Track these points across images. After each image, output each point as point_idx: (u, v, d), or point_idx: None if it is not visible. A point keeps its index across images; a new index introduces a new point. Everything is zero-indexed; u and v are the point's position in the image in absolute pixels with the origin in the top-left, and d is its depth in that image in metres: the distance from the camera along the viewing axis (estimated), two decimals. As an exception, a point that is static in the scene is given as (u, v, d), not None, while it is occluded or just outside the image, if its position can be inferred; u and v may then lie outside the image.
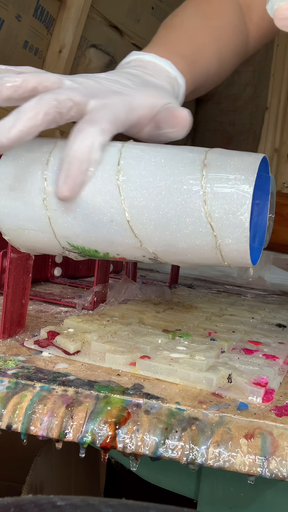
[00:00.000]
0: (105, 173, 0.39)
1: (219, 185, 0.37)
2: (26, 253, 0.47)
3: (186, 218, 0.38)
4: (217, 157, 0.39)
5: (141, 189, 0.39)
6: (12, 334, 0.47)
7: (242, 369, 0.42)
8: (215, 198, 0.37)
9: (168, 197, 0.38)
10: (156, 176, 0.38)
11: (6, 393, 0.36)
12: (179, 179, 0.38)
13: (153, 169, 0.39)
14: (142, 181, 0.39)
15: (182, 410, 0.35)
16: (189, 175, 0.38)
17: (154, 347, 0.45)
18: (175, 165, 0.39)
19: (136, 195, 0.39)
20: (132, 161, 0.39)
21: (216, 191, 0.37)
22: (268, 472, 0.31)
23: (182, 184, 0.38)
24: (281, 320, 0.66)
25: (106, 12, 1.40)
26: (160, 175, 0.38)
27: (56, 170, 0.40)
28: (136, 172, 0.39)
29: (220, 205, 0.37)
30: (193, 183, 0.38)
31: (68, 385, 0.37)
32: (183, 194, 0.38)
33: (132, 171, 0.39)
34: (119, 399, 0.35)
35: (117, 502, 0.22)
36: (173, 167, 0.38)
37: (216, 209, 0.37)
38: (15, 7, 1.13)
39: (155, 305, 0.65)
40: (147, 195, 0.38)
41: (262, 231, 0.44)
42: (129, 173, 0.39)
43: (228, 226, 0.37)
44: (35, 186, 0.40)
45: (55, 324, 0.53)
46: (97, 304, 0.62)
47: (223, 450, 0.32)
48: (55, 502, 0.21)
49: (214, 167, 0.38)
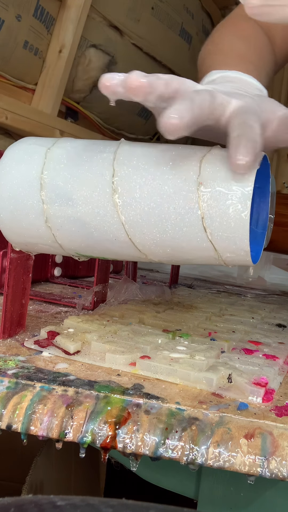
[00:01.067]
0: (101, 196, 0.39)
1: (219, 188, 0.37)
2: (26, 253, 0.47)
3: (184, 227, 0.38)
4: (217, 152, 0.39)
5: (140, 212, 0.39)
6: (12, 334, 0.47)
7: (242, 369, 0.42)
8: (214, 198, 0.37)
9: (167, 215, 0.38)
10: (152, 196, 0.39)
11: (6, 393, 0.36)
12: (176, 199, 0.38)
13: (148, 190, 0.39)
14: (139, 203, 0.39)
15: (182, 410, 0.35)
16: (188, 192, 0.38)
17: (154, 347, 0.45)
18: (171, 184, 0.38)
19: (135, 217, 0.39)
20: (126, 184, 0.39)
21: (215, 194, 0.37)
22: (268, 472, 0.31)
23: (180, 205, 0.38)
24: (281, 320, 0.66)
25: (106, 12, 1.40)
26: (156, 194, 0.38)
27: (52, 190, 0.40)
28: (132, 196, 0.39)
29: (220, 206, 0.37)
30: (194, 206, 0.37)
31: (68, 385, 0.37)
32: (181, 209, 0.38)
33: (127, 194, 0.39)
34: (119, 399, 0.35)
35: (117, 502, 0.22)
36: (169, 186, 0.38)
37: (216, 210, 0.37)
38: (15, 7, 1.13)
39: (155, 305, 0.65)
40: (146, 217, 0.39)
41: (263, 231, 0.44)
42: (125, 196, 0.39)
43: (228, 228, 0.37)
44: (35, 209, 0.41)
45: (55, 324, 0.53)
46: (97, 304, 0.62)
47: (223, 450, 0.32)
48: (55, 502, 0.21)
49: (212, 168, 0.38)
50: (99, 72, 1.41)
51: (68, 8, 1.28)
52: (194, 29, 1.74)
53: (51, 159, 0.41)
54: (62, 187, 0.40)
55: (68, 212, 0.40)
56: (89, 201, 0.40)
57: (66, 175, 0.40)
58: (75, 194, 0.40)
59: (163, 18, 1.58)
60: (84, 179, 0.40)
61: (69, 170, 0.40)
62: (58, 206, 0.40)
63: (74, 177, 0.40)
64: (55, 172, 0.41)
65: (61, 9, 1.29)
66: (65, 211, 0.40)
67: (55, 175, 0.41)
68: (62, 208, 0.40)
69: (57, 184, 0.40)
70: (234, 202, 0.36)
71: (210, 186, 0.37)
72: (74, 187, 0.40)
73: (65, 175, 0.40)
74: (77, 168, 0.40)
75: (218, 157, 0.38)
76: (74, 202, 0.40)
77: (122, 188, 0.39)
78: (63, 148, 0.42)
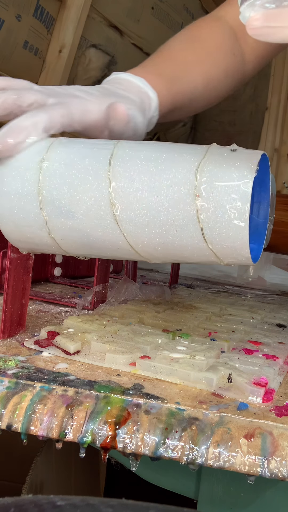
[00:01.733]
0: (100, 209, 0.40)
1: (218, 183, 0.37)
2: (26, 253, 0.47)
3: (184, 239, 0.39)
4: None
5: (140, 225, 0.39)
6: (12, 334, 0.47)
7: (242, 369, 0.42)
8: (212, 210, 0.37)
9: (167, 228, 0.39)
10: (150, 210, 0.39)
11: (6, 393, 0.36)
12: (175, 212, 0.38)
13: (146, 203, 0.39)
14: (138, 216, 0.39)
15: (182, 410, 0.35)
16: (185, 205, 0.38)
17: (154, 347, 0.45)
18: (168, 197, 0.38)
19: (135, 229, 0.40)
20: (124, 198, 0.39)
21: (215, 190, 0.37)
22: (268, 472, 0.31)
23: (178, 218, 0.38)
24: (281, 320, 0.66)
25: (106, 12, 1.40)
26: (154, 208, 0.39)
27: (51, 204, 0.41)
28: (131, 209, 0.39)
29: (218, 217, 0.37)
30: (192, 219, 0.38)
31: (68, 385, 0.37)
32: (180, 221, 0.38)
33: (126, 207, 0.39)
34: (119, 399, 0.35)
35: (117, 502, 0.22)
36: (167, 199, 0.38)
37: (215, 222, 0.37)
38: (15, 7, 1.13)
39: (155, 305, 0.65)
40: (146, 229, 0.39)
41: (263, 231, 0.44)
42: (123, 209, 0.39)
43: (227, 238, 0.37)
44: (37, 222, 0.42)
45: (55, 324, 0.53)
46: (97, 304, 0.62)
47: (223, 450, 0.32)
48: (55, 502, 0.21)
49: (213, 164, 0.37)
50: (99, 72, 1.41)
51: (68, 8, 1.28)
52: (194, 29, 1.74)
53: (46, 172, 0.41)
54: (60, 201, 0.41)
55: (69, 224, 0.41)
56: (89, 215, 0.40)
57: (63, 189, 0.40)
58: (74, 208, 0.40)
59: (163, 18, 1.58)
60: (81, 192, 0.40)
61: (65, 183, 0.40)
62: (59, 219, 0.41)
63: (71, 191, 0.40)
64: (52, 185, 0.41)
65: (61, 9, 1.29)
66: (66, 223, 0.41)
67: (52, 188, 0.41)
68: (63, 221, 0.41)
69: (55, 198, 0.41)
70: (232, 212, 0.36)
71: (206, 198, 0.37)
72: (72, 202, 0.40)
73: (62, 189, 0.40)
74: (72, 181, 0.40)
75: (214, 164, 0.37)
76: (74, 215, 0.40)
77: (120, 202, 0.39)
78: (57, 159, 0.41)
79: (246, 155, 0.37)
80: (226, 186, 0.36)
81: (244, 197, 0.36)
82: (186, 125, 1.98)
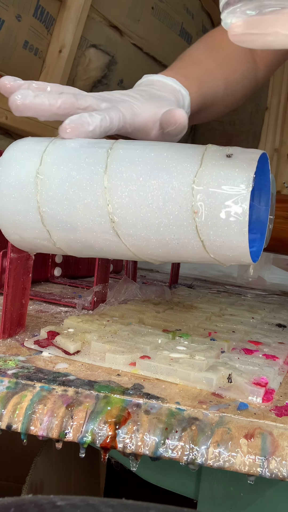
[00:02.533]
0: (100, 225, 0.40)
1: (213, 213, 0.37)
2: (26, 253, 0.47)
3: (186, 250, 0.40)
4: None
5: (142, 240, 0.40)
6: (12, 334, 0.47)
7: (242, 369, 0.42)
8: (211, 225, 0.37)
9: (168, 241, 0.39)
10: (151, 227, 0.39)
11: (6, 393, 0.36)
12: (175, 229, 0.39)
13: (146, 221, 0.39)
14: (139, 230, 0.40)
15: (182, 410, 0.35)
16: (183, 221, 0.38)
17: (154, 347, 0.45)
18: (167, 214, 0.38)
19: (138, 242, 0.40)
20: (122, 214, 0.40)
21: (211, 220, 0.37)
22: (268, 472, 0.31)
23: (179, 233, 0.39)
24: (281, 320, 0.66)
25: (106, 12, 1.40)
26: (154, 224, 0.39)
27: (52, 218, 0.41)
28: (132, 225, 0.40)
29: (218, 232, 0.37)
30: (192, 234, 0.38)
31: (68, 385, 0.37)
32: (180, 235, 0.39)
33: (126, 224, 0.40)
34: (119, 399, 0.35)
35: (117, 502, 0.22)
36: (165, 217, 0.38)
37: (215, 237, 0.37)
38: (15, 7, 1.13)
39: (155, 305, 0.65)
40: (148, 242, 0.40)
41: (263, 232, 0.43)
42: (124, 226, 0.40)
43: (229, 250, 0.38)
44: (41, 237, 0.43)
45: (55, 324, 0.53)
46: (97, 304, 0.62)
47: (223, 450, 0.32)
48: (55, 502, 0.21)
49: (208, 177, 0.37)
50: (99, 72, 1.41)
51: (68, 8, 1.28)
52: (194, 29, 1.74)
53: (43, 187, 0.41)
54: (60, 216, 0.41)
55: (72, 238, 0.42)
56: (90, 229, 0.41)
57: (63, 203, 0.41)
58: (75, 223, 0.41)
59: (163, 18, 1.58)
60: (80, 207, 0.40)
61: (63, 196, 0.41)
62: (61, 232, 0.42)
63: (70, 206, 0.40)
64: (50, 200, 0.41)
65: (61, 9, 1.29)
66: (69, 236, 0.42)
67: (51, 204, 0.41)
68: (67, 234, 0.42)
69: (55, 214, 0.41)
70: (232, 227, 0.36)
71: (205, 215, 0.37)
72: (72, 217, 0.41)
73: (61, 204, 0.41)
74: (70, 195, 0.40)
75: (210, 176, 0.37)
76: (76, 229, 0.41)
77: (119, 218, 0.40)
78: (53, 173, 0.41)
79: (243, 163, 0.37)
80: (223, 197, 0.36)
81: (243, 208, 0.36)
82: (186, 125, 1.98)
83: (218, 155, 0.38)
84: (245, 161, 0.37)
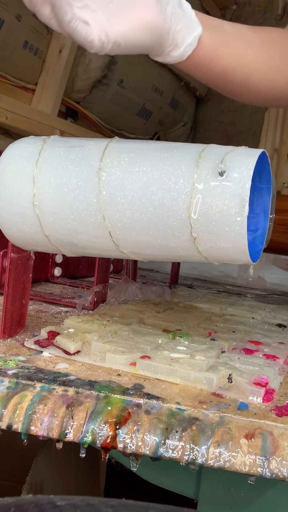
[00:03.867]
0: (101, 239, 0.41)
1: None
2: (27, 253, 0.47)
3: (185, 256, 0.40)
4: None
5: (140, 249, 0.41)
6: (13, 334, 0.47)
7: (243, 369, 0.42)
8: (209, 241, 0.37)
9: (168, 250, 0.40)
10: (150, 242, 0.40)
11: (6, 393, 0.36)
12: (173, 246, 0.39)
13: (143, 238, 0.40)
14: (136, 239, 0.40)
15: (183, 410, 0.35)
16: (182, 234, 0.38)
17: (155, 347, 0.45)
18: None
19: (137, 251, 0.41)
20: (119, 229, 0.40)
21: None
22: (269, 472, 0.31)
23: (178, 246, 0.39)
24: (281, 320, 0.66)
25: (106, 12, 1.40)
26: (152, 236, 0.39)
27: (53, 233, 0.42)
28: (129, 240, 0.40)
29: (216, 245, 0.37)
30: (192, 251, 0.39)
31: (69, 385, 0.37)
32: (178, 247, 0.39)
33: (124, 238, 0.40)
34: (120, 399, 0.35)
35: (117, 502, 0.22)
36: (162, 238, 0.39)
37: (213, 249, 0.38)
38: (15, 7, 1.13)
39: (155, 305, 0.65)
40: (147, 248, 0.41)
41: (263, 232, 0.43)
42: (121, 239, 0.40)
43: (228, 256, 0.38)
44: (43, 244, 0.43)
45: (55, 324, 0.53)
46: (97, 304, 0.62)
47: (224, 450, 0.32)
48: (55, 502, 0.21)
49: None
50: (99, 72, 1.41)
51: (68, 8, 1.27)
52: (194, 29, 1.74)
53: (40, 209, 0.41)
54: (61, 234, 0.42)
55: (75, 250, 0.44)
56: (91, 242, 0.42)
57: (60, 222, 0.41)
58: (75, 239, 0.42)
59: (163, 18, 1.58)
60: (79, 225, 0.41)
61: (60, 214, 0.41)
62: (64, 246, 0.43)
63: (68, 225, 0.41)
64: (50, 220, 0.41)
65: (61, 9, 1.28)
66: (72, 248, 0.43)
67: (51, 221, 0.41)
68: (71, 248, 0.43)
69: (57, 233, 0.42)
70: (231, 238, 0.36)
71: (203, 231, 0.37)
72: (72, 234, 0.42)
73: (59, 222, 0.41)
74: (69, 213, 0.41)
75: (208, 187, 0.37)
76: (77, 244, 0.42)
77: (114, 230, 0.40)
78: (49, 188, 0.41)
79: (242, 164, 0.36)
80: (222, 198, 0.36)
81: (243, 210, 0.36)
82: (186, 125, 1.98)
83: (215, 157, 0.38)
84: (245, 159, 0.37)
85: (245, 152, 0.38)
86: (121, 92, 1.49)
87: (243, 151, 0.38)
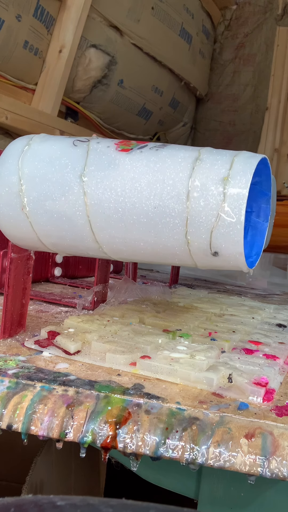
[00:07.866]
0: (90, 246, 0.42)
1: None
2: (27, 253, 0.47)
3: (179, 263, 0.41)
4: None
5: (132, 254, 0.41)
6: (13, 334, 0.47)
7: (243, 369, 0.42)
8: (204, 252, 0.37)
9: (164, 256, 0.40)
10: (146, 250, 0.40)
11: (6, 393, 0.36)
12: (168, 252, 0.39)
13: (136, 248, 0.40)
14: (129, 246, 0.41)
15: (183, 410, 0.35)
16: (177, 242, 0.38)
17: (155, 347, 0.45)
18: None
19: (130, 257, 0.42)
20: (108, 239, 0.41)
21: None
22: (269, 472, 0.31)
23: (176, 255, 0.39)
24: (281, 320, 0.66)
25: (106, 12, 1.40)
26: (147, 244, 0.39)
27: (46, 240, 0.42)
28: (118, 248, 0.41)
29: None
30: (187, 258, 0.39)
31: (69, 385, 0.37)
32: (174, 255, 0.39)
33: (111, 247, 0.41)
34: (120, 399, 0.35)
35: (117, 502, 0.22)
36: (159, 248, 0.39)
37: (206, 259, 0.38)
38: (15, 7, 1.13)
39: (155, 305, 0.65)
40: (139, 254, 0.41)
41: (261, 235, 0.43)
42: (109, 249, 0.41)
43: (222, 234, 0.37)
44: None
45: (55, 324, 0.53)
46: (97, 304, 0.62)
47: (224, 450, 0.32)
48: (55, 502, 0.21)
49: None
50: (99, 72, 1.41)
51: (68, 8, 1.28)
52: (194, 29, 1.74)
53: (35, 221, 0.42)
54: (50, 235, 0.42)
55: (66, 251, 0.45)
56: (80, 251, 0.43)
57: (52, 232, 0.42)
58: (68, 251, 0.43)
59: (163, 18, 1.58)
60: (68, 239, 0.42)
61: (51, 225, 0.41)
62: (55, 247, 0.44)
63: (59, 237, 0.42)
64: (38, 220, 0.42)
65: (61, 9, 1.29)
66: (62, 249, 0.44)
67: (38, 221, 0.42)
68: (60, 249, 0.44)
69: (46, 235, 0.42)
70: (228, 233, 0.36)
71: (198, 241, 0.37)
72: (60, 235, 0.42)
73: (51, 232, 0.42)
74: (59, 226, 0.41)
75: (205, 192, 0.37)
76: (68, 249, 0.43)
77: (102, 241, 0.40)
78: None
79: (240, 168, 0.36)
80: (219, 202, 0.36)
81: (239, 214, 0.36)
82: (186, 125, 1.98)
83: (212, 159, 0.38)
84: (243, 165, 0.37)
85: (246, 157, 0.37)
86: (121, 92, 1.49)
87: (244, 156, 0.37)
